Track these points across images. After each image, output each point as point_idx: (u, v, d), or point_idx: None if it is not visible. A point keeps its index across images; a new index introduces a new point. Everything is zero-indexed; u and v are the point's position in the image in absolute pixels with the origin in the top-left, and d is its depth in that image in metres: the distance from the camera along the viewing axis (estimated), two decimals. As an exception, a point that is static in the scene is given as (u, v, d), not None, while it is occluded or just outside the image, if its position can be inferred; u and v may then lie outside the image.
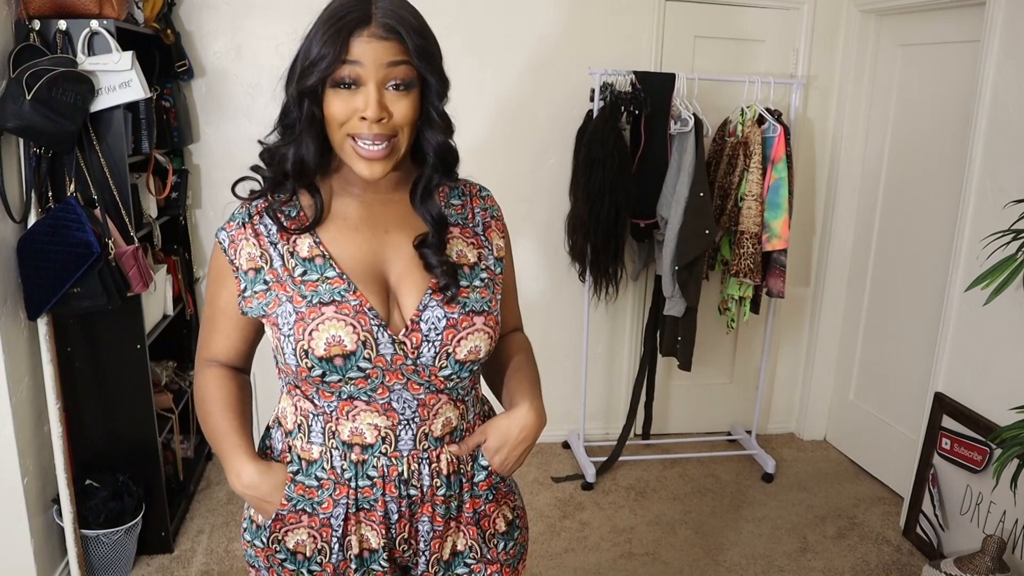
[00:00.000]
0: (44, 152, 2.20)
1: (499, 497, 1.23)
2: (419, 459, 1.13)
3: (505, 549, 1.24)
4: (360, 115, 1.02)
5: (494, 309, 1.14)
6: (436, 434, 1.14)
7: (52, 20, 2.20)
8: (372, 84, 1.01)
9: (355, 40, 1.01)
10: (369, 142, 1.03)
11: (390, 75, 1.02)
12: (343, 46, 1.00)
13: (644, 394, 3.45)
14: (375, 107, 1.01)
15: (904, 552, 2.83)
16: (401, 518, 1.14)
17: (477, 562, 1.21)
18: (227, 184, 1.17)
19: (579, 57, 3.17)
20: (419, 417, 1.12)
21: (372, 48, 1.01)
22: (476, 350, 1.11)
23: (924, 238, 3.03)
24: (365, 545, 1.15)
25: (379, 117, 1.01)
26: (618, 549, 2.80)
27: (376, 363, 1.07)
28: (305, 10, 1.11)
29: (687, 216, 2.93)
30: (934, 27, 2.96)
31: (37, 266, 2.17)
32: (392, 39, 1.02)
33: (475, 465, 1.20)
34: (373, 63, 1.01)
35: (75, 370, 2.44)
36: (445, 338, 1.08)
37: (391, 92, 1.03)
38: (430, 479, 1.14)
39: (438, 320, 1.08)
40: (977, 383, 2.61)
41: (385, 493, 1.13)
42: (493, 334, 1.13)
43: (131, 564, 2.59)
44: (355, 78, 1.02)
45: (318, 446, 1.14)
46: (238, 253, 1.11)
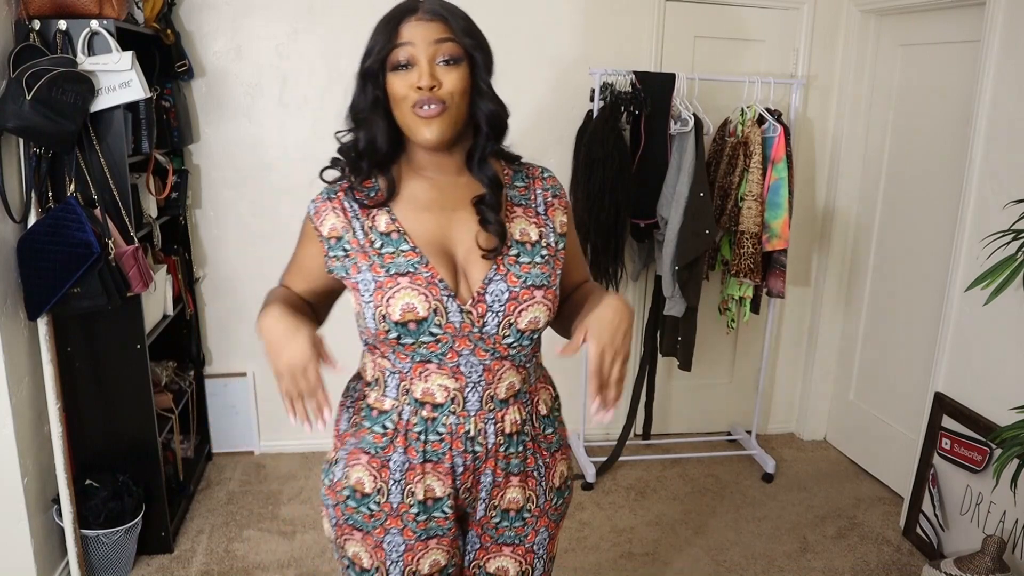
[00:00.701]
0: (44, 152, 2.20)
1: (560, 453, 1.38)
2: (485, 419, 1.26)
3: (555, 505, 1.37)
4: (416, 86, 1.15)
5: (553, 284, 1.25)
6: (501, 396, 1.26)
7: (52, 20, 2.20)
8: (424, 59, 1.15)
9: (404, 26, 1.16)
10: (424, 106, 1.15)
11: (438, 51, 1.16)
12: (394, 32, 1.16)
13: (644, 394, 3.45)
14: (427, 76, 1.14)
15: (904, 552, 2.83)
16: (466, 471, 1.27)
17: (530, 514, 1.34)
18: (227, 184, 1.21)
19: (579, 57, 3.17)
20: (484, 381, 1.24)
21: (420, 29, 1.16)
22: (535, 321, 1.23)
23: (924, 238, 3.03)
24: (430, 494, 1.27)
25: (431, 85, 1.14)
26: (618, 549, 2.80)
27: (446, 329, 1.19)
28: (305, 10, 1.12)
29: (687, 216, 2.93)
30: (934, 27, 2.96)
31: (37, 266, 2.17)
32: (437, 20, 1.16)
33: (542, 422, 1.34)
34: (422, 41, 1.15)
35: (75, 370, 2.44)
36: (507, 309, 1.20)
37: (441, 67, 1.16)
38: (495, 437, 1.26)
39: (501, 293, 1.20)
40: (977, 383, 2.61)
41: (452, 448, 1.25)
42: (551, 306, 1.24)
43: (131, 564, 2.59)
44: (409, 58, 1.16)
45: (391, 400, 1.26)
46: (322, 222, 1.26)
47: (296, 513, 2.97)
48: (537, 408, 1.33)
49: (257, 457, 3.40)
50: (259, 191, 3.16)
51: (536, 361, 1.34)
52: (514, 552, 1.36)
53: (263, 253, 3.23)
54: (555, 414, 1.38)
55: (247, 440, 3.41)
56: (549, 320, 1.26)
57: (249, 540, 2.79)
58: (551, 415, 1.37)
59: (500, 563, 1.37)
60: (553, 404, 1.38)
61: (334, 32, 3.05)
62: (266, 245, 3.22)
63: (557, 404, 1.40)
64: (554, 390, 1.41)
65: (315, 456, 3.41)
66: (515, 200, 1.28)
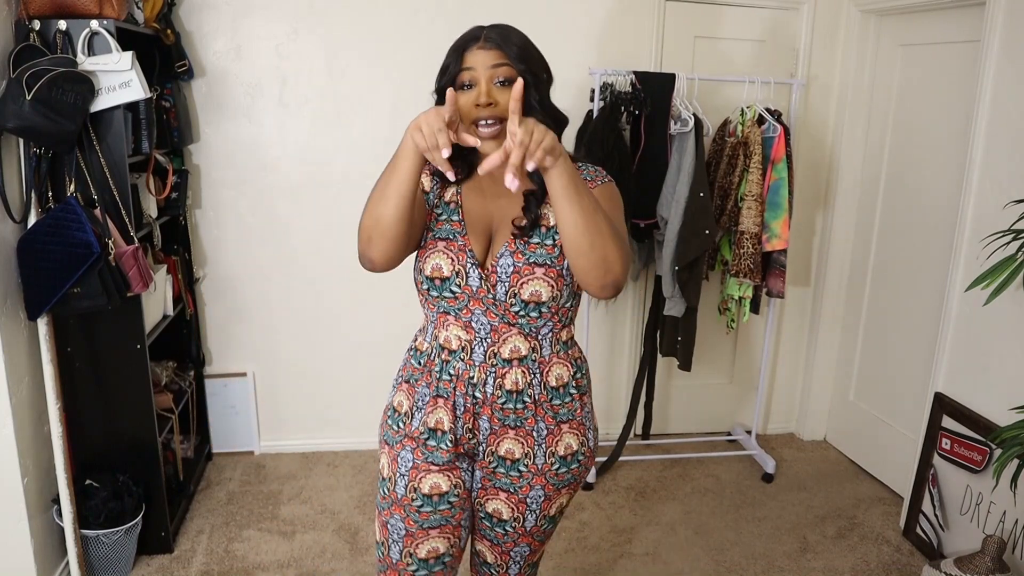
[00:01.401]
0: (44, 152, 2.20)
1: (572, 426, 1.53)
2: (487, 371, 1.46)
3: (556, 471, 1.52)
4: (475, 103, 1.36)
5: (557, 264, 1.42)
6: (504, 356, 1.45)
7: (52, 20, 2.20)
8: (483, 81, 1.37)
9: (468, 53, 1.40)
10: (484, 123, 1.36)
11: (495, 74, 1.37)
12: (460, 58, 1.40)
13: (644, 394, 3.45)
14: (484, 95, 1.36)
15: (904, 552, 2.83)
16: (466, 411, 1.48)
17: (527, 469, 1.51)
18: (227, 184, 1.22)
19: (579, 57, 3.17)
20: (491, 339, 1.45)
21: (480, 56, 1.39)
22: (537, 294, 1.41)
23: (924, 238, 3.03)
24: (437, 425, 1.49)
25: (488, 102, 1.35)
26: (618, 549, 2.80)
27: (464, 290, 1.43)
28: (305, 10, 1.12)
29: (687, 216, 2.93)
30: (934, 27, 2.96)
31: (37, 266, 2.17)
32: (494, 48, 1.39)
33: (551, 392, 1.49)
34: (481, 66, 1.38)
35: (75, 370, 2.44)
36: (512, 280, 1.42)
37: (497, 87, 1.37)
38: (493, 389, 1.46)
39: (508, 266, 1.42)
40: (977, 383, 2.61)
41: (457, 389, 1.47)
42: (553, 284, 1.42)
43: (131, 564, 2.59)
44: (471, 80, 1.38)
45: (428, 343, 1.52)
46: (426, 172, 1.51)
47: (296, 513, 2.97)
48: (547, 378, 1.49)
49: (257, 457, 3.40)
50: (259, 191, 3.16)
51: (555, 337, 1.49)
52: (508, 499, 1.54)
53: (263, 253, 3.23)
54: (571, 391, 1.52)
55: (247, 440, 3.41)
56: (554, 295, 1.43)
57: (249, 540, 2.79)
58: (564, 390, 1.51)
59: (495, 506, 1.56)
60: (570, 381, 1.52)
61: (334, 32, 3.05)
62: (266, 245, 3.22)
63: (576, 383, 1.53)
64: (577, 371, 1.54)
65: (315, 456, 3.41)
66: None
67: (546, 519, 1.58)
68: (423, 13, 3.08)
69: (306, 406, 3.42)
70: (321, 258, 3.26)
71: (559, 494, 1.56)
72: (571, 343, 1.55)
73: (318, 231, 3.24)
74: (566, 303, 1.47)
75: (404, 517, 1.54)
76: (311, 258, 3.26)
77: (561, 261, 1.42)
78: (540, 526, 1.59)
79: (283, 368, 3.37)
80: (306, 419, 3.43)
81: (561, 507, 1.60)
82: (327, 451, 3.45)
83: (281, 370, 3.38)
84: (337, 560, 2.69)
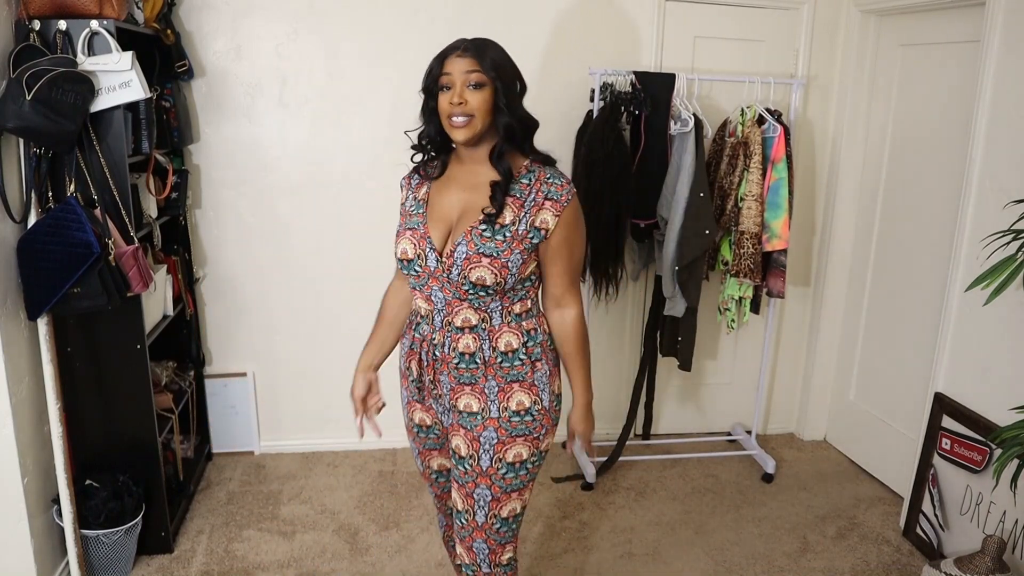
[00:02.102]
0: (44, 152, 2.20)
1: (523, 386, 1.74)
2: (444, 336, 1.74)
3: (511, 420, 1.74)
4: (451, 102, 1.63)
5: (504, 257, 1.64)
6: (456, 324, 1.72)
7: (52, 20, 2.20)
8: (458, 84, 1.63)
9: (448, 60, 1.65)
10: (456, 117, 1.64)
11: (468, 79, 1.63)
12: (441, 64, 1.66)
13: (644, 394, 3.45)
14: (458, 95, 1.63)
15: (904, 552, 2.83)
16: (429, 365, 1.78)
17: (483, 421, 1.74)
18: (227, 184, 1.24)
19: (579, 57, 3.17)
20: (446, 310, 1.72)
21: (457, 63, 1.63)
22: (482, 279, 1.64)
23: (924, 238, 3.03)
24: (412, 372, 1.83)
25: (459, 102, 1.62)
26: (618, 549, 2.80)
27: (424, 269, 1.71)
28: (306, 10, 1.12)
29: (687, 216, 2.93)
30: (934, 27, 2.96)
31: (37, 266, 2.17)
32: (470, 57, 1.63)
33: (500, 356, 1.73)
34: (457, 71, 1.63)
35: (75, 370, 2.44)
36: (463, 265, 1.65)
37: (469, 90, 1.63)
38: (448, 351, 1.74)
39: (460, 254, 1.65)
40: (977, 383, 2.61)
41: (422, 347, 1.78)
42: (499, 273, 1.64)
43: (131, 564, 2.59)
44: (448, 83, 1.64)
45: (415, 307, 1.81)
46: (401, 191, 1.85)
47: (296, 513, 2.97)
48: (496, 344, 1.72)
49: (257, 457, 3.40)
50: (259, 191, 3.16)
51: (508, 311, 1.72)
52: (465, 435, 1.77)
53: (263, 253, 3.23)
54: (520, 356, 1.74)
55: (247, 440, 3.41)
56: (499, 282, 1.65)
57: (249, 540, 2.79)
58: (514, 355, 1.74)
59: (456, 441, 1.79)
60: (520, 348, 1.74)
61: (334, 32, 3.05)
62: (266, 245, 3.22)
63: (526, 350, 1.75)
64: (529, 340, 1.75)
65: (315, 456, 3.42)
66: (513, 192, 1.68)
67: (502, 463, 1.74)
68: (423, 13, 3.08)
69: (306, 406, 3.42)
70: (321, 258, 3.26)
71: (513, 441, 1.74)
72: (525, 316, 1.75)
73: (318, 231, 3.24)
74: (512, 287, 1.69)
75: (413, 439, 1.95)
76: (311, 258, 3.26)
77: (507, 255, 1.65)
78: (496, 469, 1.75)
79: (283, 368, 3.37)
80: (306, 419, 3.43)
81: (519, 458, 1.75)
82: (327, 451, 3.45)
83: (281, 370, 3.38)
84: (337, 560, 2.69)
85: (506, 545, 1.82)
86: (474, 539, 1.80)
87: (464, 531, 1.81)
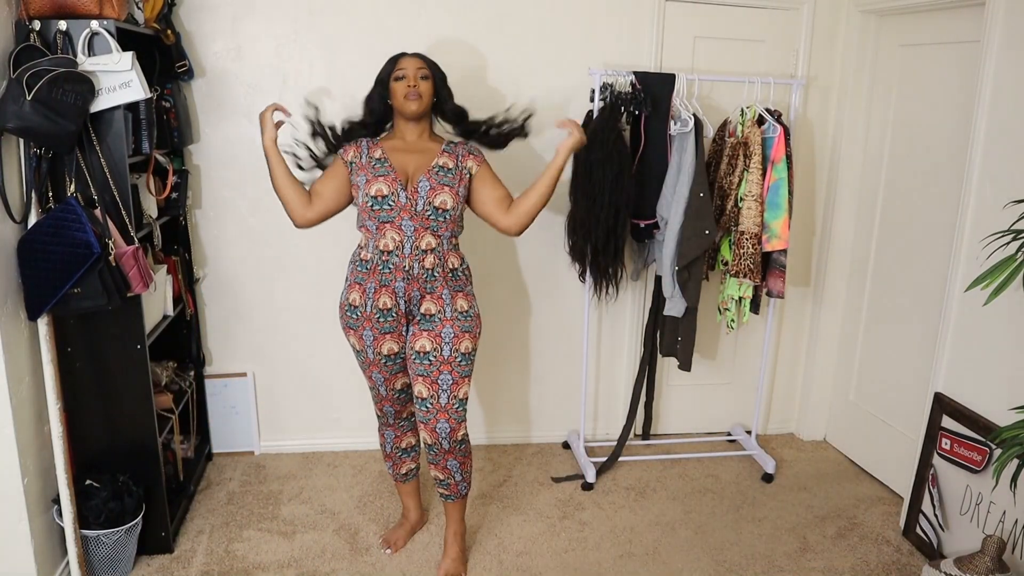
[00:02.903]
0: (44, 152, 2.20)
1: (461, 294, 2.44)
2: (414, 259, 2.35)
3: (459, 318, 2.41)
4: (407, 86, 2.36)
5: (457, 188, 2.38)
6: (422, 248, 2.35)
7: (52, 20, 2.20)
8: (411, 74, 2.37)
9: (402, 60, 2.40)
10: (411, 95, 2.36)
11: (418, 72, 2.38)
12: (395, 62, 2.41)
13: (644, 394, 3.46)
14: (413, 80, 2.37)
15: (904, 552, 2.83)
16: (406, 288, 2.37)
17: (442, 320, 2.39)
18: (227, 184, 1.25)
19: (579, 57, 3.17)
20: (415, 236, 2.34)
21: (409, 61, 2.40)
22: (444, 203, 2.35)
23: (924, 238, 3.03)
24: (384, 306, 2.39)
25: (414, 85, 2.36)
26: (618, 549, 2.80)
27: (396, 204, 2.33)
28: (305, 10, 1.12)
29: (687, 216, 2.93)
30: (934, 27, 2.96)
31: (37, 266, 2.17)
32: (418, 57, 2.42)
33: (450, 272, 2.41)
34: (410, 67, 2.38)
35: (75, 370, 2.44)
36: (428, 195, 2.34)
37: (419, 80, 2.38)
38: (419, 270, 2.36)
39: (425, 187, 2.35)
40: (977, 383, 2.61)
41: (396, 277, 2.36)
42: (455, 199, 2.36)
43: (131, 564, 2.59)
44: (403, 75, 2.38)
45: (369, 252, 2.40)
46: (346, 152, 2.45)
47: (296, 513, 2.97)
48: (447, 263, 2.41)
49: (257, 457, 3.40)
50: (259, 191, 3.16)
51: (451, 241, 2.42)
52: (428, 335, 2.39)
53: (263, 253, 3.23)
54: (460, 274, 2.45)
55: (247, 440, 3.41)
56: (454, 206, 2.36)
57: (249, 540, 2.79)
58: (457, 271, 2.44)
59: (421, 343, 2.39)
60: (460, 267, 2.45)
61: (334, 32, 3.05)
62: (266, 245, 3.22)
63: (464, 270, 2.47)
64: (462, 261, 2.47)
65: (315, 456, 3.42)
66: (446, 150, 2.42)
67: (458, 354, 2.40)
68: (423, 14, 3.08)
69: (306, 406, 3.42)
70: (321, 258, 3.26)
71: (463, 335, 2.41)
72: (458, 246, 2.47)
73: (318, 231, 3.23)
74: (458, 215, 2.40)
75: (380, 370, 2.49)
76: (311, 258, 3.26)
77: (457, 186, 2.38)
78: (455, 358, 2.40)
79: (283, 368, 3.38)
80: (306, 419, 3.44)
81: (468, 349, 2.42)
82: (327, 451, 3.45)
83: (281, 370, 3.38)
84: (337, 560, 2.69)
85: (461, 423, 2.43)
86: (438, 420, 2.40)
87: (429, 415, 2.40)
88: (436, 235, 2.35)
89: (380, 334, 2.40)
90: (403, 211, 2.31)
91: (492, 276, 3.36)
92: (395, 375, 2.50)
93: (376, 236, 2.34)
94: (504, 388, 3.55)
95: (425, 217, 2.32)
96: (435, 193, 2.32)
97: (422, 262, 2.34)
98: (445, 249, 2.38)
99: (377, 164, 2.36)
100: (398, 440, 2.70)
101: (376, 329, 2.39)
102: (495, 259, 3.35)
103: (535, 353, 3.52)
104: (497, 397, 3.55)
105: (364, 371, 2.53)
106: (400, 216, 2.31)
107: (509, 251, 3.36)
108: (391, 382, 2.51)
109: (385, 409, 2.61)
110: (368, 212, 2.33)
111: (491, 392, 3.54)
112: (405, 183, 2.34)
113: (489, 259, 3.33)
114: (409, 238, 2.33)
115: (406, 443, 2.71)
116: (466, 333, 2.41)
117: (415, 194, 2.32)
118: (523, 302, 3.45)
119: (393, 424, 2.66)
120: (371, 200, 2.31)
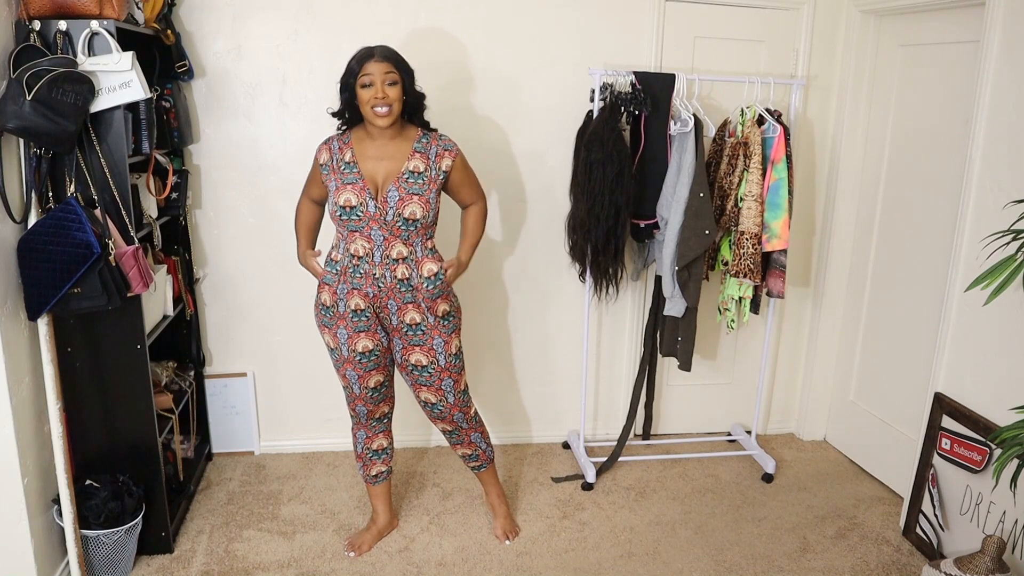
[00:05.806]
0: (44, 152, 2.20)
1: (441, 299, 2.45)
2: (384, 268, 2.37)
3: (443, 324, 2.46)
4: (374, 96, 2.27)
5: (427, 195, 2.35)
6: (393, 257, 2.36)
7: (52, 21, 2.20)
8: (378, 82, 2.27)
9: (367, 63, 2.28)
10: (379, 107, 2.28)
11: (386, 77, 2.27)
12: (361, 66, 2.29)
13: (644, 394, 3.46)
14: (380, 90, 2.27)
15: (904, 552, 2.83)
16: (376, 296, 2.40)
17: (425, 330, 2.44)
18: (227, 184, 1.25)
19: (579, 57, 3.17)
20: (384, 246, 2.36)
21: (376, 66, 2.27)
22: (413, 213, 2.33)
23: (924, 238, 3.03)
24: (357, 307, 2.42)
25: (382, 95, 2.27)
26: (618, 549, 2.80)
27: (365, 214, 2.33)
28: (305, 10, 1.13)
29: (687, 216, 2.93)
30: (934, 27, 2.96)
31: (37, 266, 2.17)
32: (385, 61, 2.28)
33: (424, 281, 2.40)
34: (377, 72, 2.27)
35: (75, 370, 2.44)
36: (397, 206, 2.32)
37: (387, 87, 2.28)
38: (390, 279, 2.38)
39: (394, 197, 2.33)
40: (977, 383, 2.61)
41: (366, 282, 2.38)
42: (424, 207, 2.34)
43: (131, 564, 2.59)
44: (370, 82, 2.27)
45: (340, 254, 2.42)
46: (319, 154, 2.45)
47: (296, 513, 2.97)
48: (421, 270, 2.40)
49: (257, 457, 3.40)
50: (259, 191, 3.16)
51: (425, 246, 2.41)
52: (422, 350, 2.46)
53: (263, 253, 3.23)
54: (438, 280, 2.43)
55: (247, 440, 3.41)
56: (425, 215, 2.34)
57: (249, 540, 2.79)
58: (435, 277, 2.42)
59: (416, 357, 2.47)
60: (439, 272, 2.43)
61: (334, 33, 3.05)
62: (266, 245, 3.22)
63: (441, 273, 2.44)
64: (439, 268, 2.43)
65: (315, 456, 3.42)
66: (418, 149, 2.39)
67: (451, 356, 2.50)
68: (423, 14, 3.08)
69: (306, 406, 3.42)
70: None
71: (451, 339, 2.49)
72: (434, 250, 2.45)
73: (318, 231, 3.24)
74: (431, 222, 2.39)
75: (354, 368, 2.51)
76: (311, 258, 3.26)
77: (428, 193, 2.35)
78: (450, 362, 2.50)
79: (283, 368, 3.38)
80: (306, 419, 3.44)
81: (457, 348, 2.51)
82: (327, 451, 3.45)
83: (281, 370, 3.38)
84: (337, 560, 2.69)
85: (470, 406, 2.63)
86: (452, 414, 2.58)
87: (444, 413, 2.57)
88: (407, 243, 2.36)
89: (355, 332, 2.43)
90: (372, 221, 2.31)
91: (492, 276, 3.36)
92: (369, 372, 2.51)
93: (347, 240, 2.37)
94: (504, 388, 3.55)
95: (395, 227, 2.32)
96: (404, 204, 2.30)
97: (393, 271, 2.35)
98: (419, 257, 2.39)
99: (347, 169, 2.34)
100: (369, 441, 2.69)
101: (351, 327, 2.43)
102: (495, 259, 3.35)
103: (535, 353, 3.52)
104: (497, 397, 3.55)
105: (338, 369, 2.54)
106: (369, 226, 2.32)
107: (509, 251, 3.36)
108: (364, 379, 2.52)
109: (358, 408, 2.61)
110: (337, 220, 2.35)
111: (491, 392, 3.54)
112: (375, 192, 2.32)
113: (489, 259, 3.33)
114: (379, 247, 2.33)
115: (377, 445, 2.70)
116: (452, 334, 2.48)
117: (384, 204, 2.31)
118: (523, 302, 3.45)
119: (365, 424, 2.66)
120: (340, 210, 2.32)
